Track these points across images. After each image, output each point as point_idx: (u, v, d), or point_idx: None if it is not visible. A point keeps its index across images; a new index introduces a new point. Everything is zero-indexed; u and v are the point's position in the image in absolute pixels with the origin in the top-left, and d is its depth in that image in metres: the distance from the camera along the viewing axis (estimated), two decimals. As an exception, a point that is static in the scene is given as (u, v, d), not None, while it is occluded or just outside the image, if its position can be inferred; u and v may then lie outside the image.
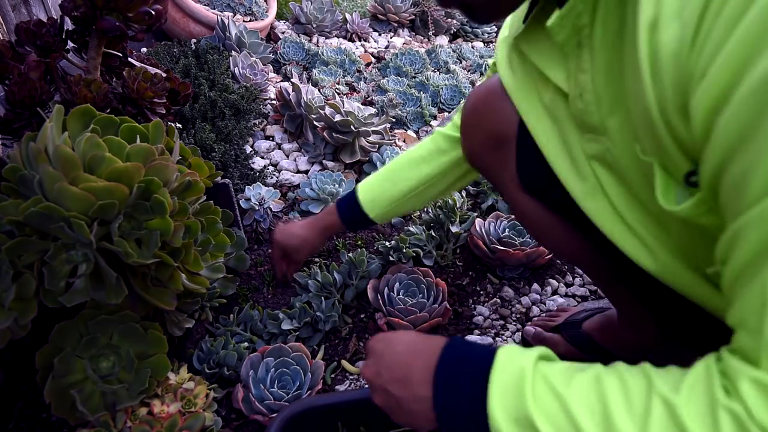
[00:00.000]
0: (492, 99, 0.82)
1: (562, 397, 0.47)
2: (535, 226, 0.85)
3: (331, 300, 1.27)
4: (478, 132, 0.85)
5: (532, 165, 0.76)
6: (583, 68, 0.60)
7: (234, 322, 1.24)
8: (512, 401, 0.49)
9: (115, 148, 0.84)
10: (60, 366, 0.91)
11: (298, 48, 2.32)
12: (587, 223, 0.69)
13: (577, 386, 0.47)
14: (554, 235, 0.84)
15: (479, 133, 0.85)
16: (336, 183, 1.57)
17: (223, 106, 1.73)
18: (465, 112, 0.88)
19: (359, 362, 1.19)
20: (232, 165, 1.60)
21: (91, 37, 1.04)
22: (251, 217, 1.49)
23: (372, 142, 1.72)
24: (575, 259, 0.88)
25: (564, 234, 0.82)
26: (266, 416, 1.02)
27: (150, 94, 1.07)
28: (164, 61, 1.97)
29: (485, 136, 0.84)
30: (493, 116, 0.81)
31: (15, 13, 1.57)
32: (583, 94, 0.62)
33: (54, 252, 0.82)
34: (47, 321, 0.92)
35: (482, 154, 0.86)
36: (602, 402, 0.45)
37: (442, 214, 1.45)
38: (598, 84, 0.59)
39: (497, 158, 0.84)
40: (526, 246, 1.33)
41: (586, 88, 0.61)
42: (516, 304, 1.31)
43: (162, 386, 0.98)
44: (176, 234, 0.86)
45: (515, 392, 0.49)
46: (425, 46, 2.57)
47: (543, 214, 0.82)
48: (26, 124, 1.01)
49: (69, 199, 0.78)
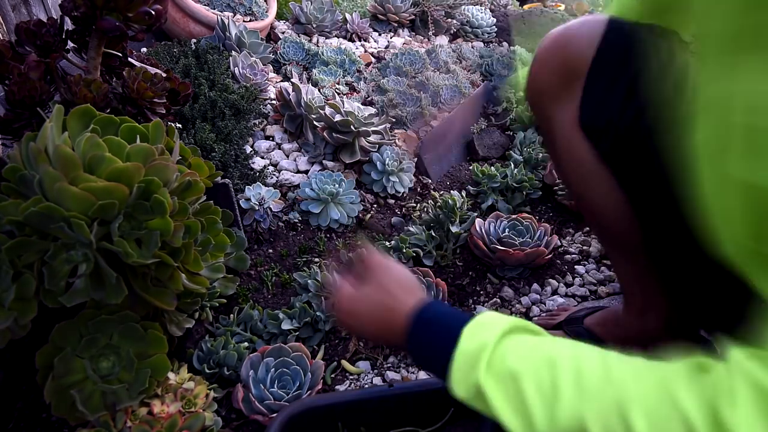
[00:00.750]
0: (573, 32, 0.84)
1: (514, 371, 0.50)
2: (583, 173, 0.86)
3: (331, 300, 1.27)
4: (553, 62, 0.86)
5: (597, 102, 0.78)
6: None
7: (234, 322, 1.24)
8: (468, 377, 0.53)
9: (115, 148, 0.84)
10: (60, 366, 0.91)
11: (298, 48, 2.32)
12: (634, 176, 0.71)
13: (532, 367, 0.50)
14: (598, 187, 0.85)
15: (554, 64, 0.86)
16: (336, 183, 1.57)
17: (223, 106, 1.73)
18: (543, 45, 0.89)
19: (359, 362, 1.19)
20: (232, 165, 1.60)
21: (91, 37, 1.04)
22: (251, 217, 1.49)
23: (372, 142, 1.72)
24: (607, 221, 0.89)
25: (608, 189, 0.84)
26: (266, 416, 1.02)
27: (150, 94, 1.07)
28: (164, 61, 1.97)
29: (559, 67, 0.85)
30: (572, 47, 0.83)
31: (15, 13, 1.57)
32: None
33: (54, 252, 0.82)
34: (47, 321, 0.92)
35: (550, 87, 0.87)
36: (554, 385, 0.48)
37: (442, 214, 1.45)
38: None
39: (564, 93, 0.85)
40: (526, 246, 1.33)
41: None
42: (516, 304, 1.31)
43: (162, 386, 0.98)
44: (176, 234, 0.86)
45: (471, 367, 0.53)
46: (425, 46, 2.57)
47: (594, 160, 0.83)
48: (26, 124, 1.01)
49: (69, 199, 0.78)
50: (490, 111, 2.05)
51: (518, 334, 0.55)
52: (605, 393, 0.45)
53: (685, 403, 0.40)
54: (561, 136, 0.87)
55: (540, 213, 1.64)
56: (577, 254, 1.45)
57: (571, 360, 0.49)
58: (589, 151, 0.83)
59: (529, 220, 1.41)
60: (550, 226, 1.42)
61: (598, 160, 0.83)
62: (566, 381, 0.47)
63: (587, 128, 0.82)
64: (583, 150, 0.84)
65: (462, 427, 0.93)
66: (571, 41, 0.84)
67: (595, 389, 0.46)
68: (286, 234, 1.54)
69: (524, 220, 1.41)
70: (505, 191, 1.60)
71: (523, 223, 1.40)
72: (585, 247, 1.47)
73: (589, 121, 0.82)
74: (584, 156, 0.84)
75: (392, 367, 1.18)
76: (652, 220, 0.74)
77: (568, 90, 0.84)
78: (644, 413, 0.42)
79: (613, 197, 0.84)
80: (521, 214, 1.44)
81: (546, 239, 1.36)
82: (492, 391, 0.50)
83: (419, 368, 1.13)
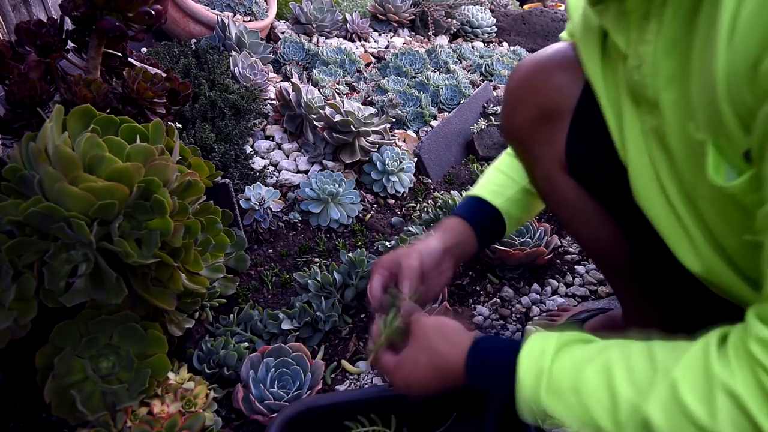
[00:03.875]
0: (552, 69, 0.79)
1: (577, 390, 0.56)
2: (570, 209, 0.85)
3: (331, 300, 1.27)
4: (529, 103, 0.81)
5: (587, 142, 0.76)
6: (646, 39, 0.60)
7: (234, 322, 1.24)
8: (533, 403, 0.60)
9: (115, 148, 0.84)
10: (60, 366, 0.91)
11: (298, 48, 2.32)
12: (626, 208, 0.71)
13: (587, 380, 0.56)
14: (588, 219, 0.84)
15: (529, 105, 0.81)
16: (336, 183, 1.57)
17: (223, 106, 1.73)
18: (515, 81, 0.84)
19: (359, 362, 1.19)
20: (232, 165, 1.60)
21: (91, 37, 1.04)
22: (251, 217, 1.49)
23: (372, 142, 1.72)
24: (600, 249, 0.88)
25: (598, 219, 0.82)
26: (266, 416, 1.02)
27: (150, 94, 1.07)
28: (164, 61, 1.97)
29: (536, 108, 0.80)
30: (550, 88, 0.79)
31: (15, 13, 1.57)
32: (641, 66, 0.62)
33: (54, 252, 0.82)
34: (47, 321, 0.92)
35: (526, 127, 0.83)
36: (611, 391, 0.54)
37: (441, 214, 1.45)
38: (659, 56, 0.60)
39: (543, 133, 0.81)
40: (526, 246, 1.33)
41: (645, 60, 0.61)
42: (516, 304, 1.31)
43: (162, 386, 0.98)
44: (176, 234, 0.86)
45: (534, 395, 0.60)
46: (425, 46, 2.57)
47: (581, 196, 0.82)
48: (26, 124, 1.01)
49: (69, 199, 0.78)
50: (490, 111, 2.05)
51: (568, 347, 0.60)
52: (656, 382, 0.52)
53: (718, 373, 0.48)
54: (541, 174, 0.85)
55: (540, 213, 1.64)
56: (577, 254, 1.45)
57: (621, 360, 0.55)
58: (572, 188, 0.82)
59: (529, 220, 1.41)
60: (550, 226, 1.42)
61: (583, 196, 0.81)
62: (621, 382, 0.54)
63: (575, 168, 0.80)
64: (566, 187, 0.82)
65: (462, 428, 0.92)
66: (551, 79, 0.79)
67: (647, 382, 0.52)
68: (286, 234, 1.54)
69: (524, 220, 1.41)
70: (505, 191, 1.60)
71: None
72: (585, 247, 1.47)
73: (579, 162, 0.79)
74: (568, 193, 0.83)
75: (392, 367, 1.18)
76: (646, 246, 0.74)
77: (549, 128, 0.80)
78: (691, 390, 0.49)
79: (600, 228, 0.83)
80: (521, 214, 1.44)
81: (546, 239, 1.36)
82: (558, 412, 0.57)
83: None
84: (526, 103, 0.81)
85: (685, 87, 0.57)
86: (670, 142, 0.62)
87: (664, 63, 0.59)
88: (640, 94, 0.64)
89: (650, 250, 0.72)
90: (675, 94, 0.59)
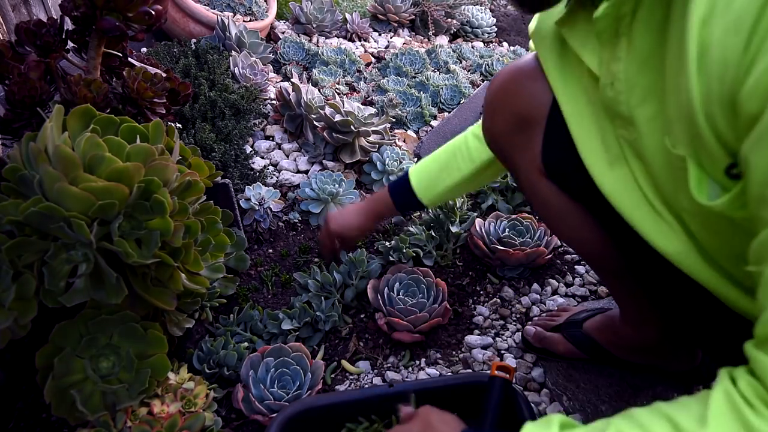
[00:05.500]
0: (523, 79, 0.81)
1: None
2: (552, 212, 0.85)
3: (331, 300, 1.27)
4: (505, 112, 0.84)
5: (561, 148, 0.76)
6: (618, 57, 0.61)
7: (234, 322, 1.24)
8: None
9: (115, 148, 0.84)
10: (60, 366, 0.91)
11: (298, 48, 2.32)
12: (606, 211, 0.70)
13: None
14: (571, 222, 0.84)
15: (505, 114, 0.83)
16: (336, 183, 1.57)
17: (223, 106, 1.73)
18: (491, 91, 0.86)
19: (359, 362, 1.19)
20: (232, 165, 1.60)
21: (91, 37, 1.04)
22: (251, 217, 1.49)
23: (372, 142, 1.72)
24: (587, 250, 0.88)
25: (581, 221, 0.82)
26: (266, 416, 1.02)
27: (150, 94, 1.07)
28: (164, 61, 1.97)
29: (511, 117, 0.82)
30: (523, 96, 0.80)
31: (15, 13, 1.57)
32: (615, 83, 0.62)
33: (54, 252, 0.82)
34: (47, 321, 0.92)
35: (505, 135, 0.85)
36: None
37: (442, 214, 1.45)
38: (631, 73, 0.60)
39: (521, 140, 0.82)
40: (526, 246, 1.33)
41: (618, 77, 0.61)
42: (516, 304, 1.31)
43: (162, 386, 0.98)
44: (176, 234, 0.86)
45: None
46: (425, 46, 2.57)
47: (562, 200, 0.82)
48: (26, 124, 1.01)
49: (69, 199, 0.78)
50: (490, 111, 2.05)
51: (570, 429, 0.57)
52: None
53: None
54: (524, 180, 0.86)
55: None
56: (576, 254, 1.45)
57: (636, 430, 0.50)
58: (554, 193, 0.82)
59: (529, 220, 1.41)
60: (550, 226, 1.42)
61: (565, 200, 0.82)
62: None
63: (552, 174, 0.81)
64: (547, 192, 0.83)
65: (462, 427, 0.92)
66: (524, 88, 0.80)
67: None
68: (286, 234, 1.54)
69: (524, 220, 1.41)
70: (505, 191, 1.59)
71: (523, 223, 1.40)
72: (585, 247, 1.47)
73: (555, 168, 0.80)
74: (550, 198, 0.83)
75: (392, 367, 1.18)
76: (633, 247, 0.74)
77: (526, 136, 0.81)
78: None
79: (585, 231, 0.83)
80: (521, 214, 1.44)
81: (546, 239, 1.36)
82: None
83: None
84: (502, 112, 0.84)
85: (662, 102, 0.56)
86: (647, 156, 0.62)
87: (638, 78, 0.59)
88: (614, 110, 0.64)
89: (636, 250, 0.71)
90: (651, 110, 0.59)
